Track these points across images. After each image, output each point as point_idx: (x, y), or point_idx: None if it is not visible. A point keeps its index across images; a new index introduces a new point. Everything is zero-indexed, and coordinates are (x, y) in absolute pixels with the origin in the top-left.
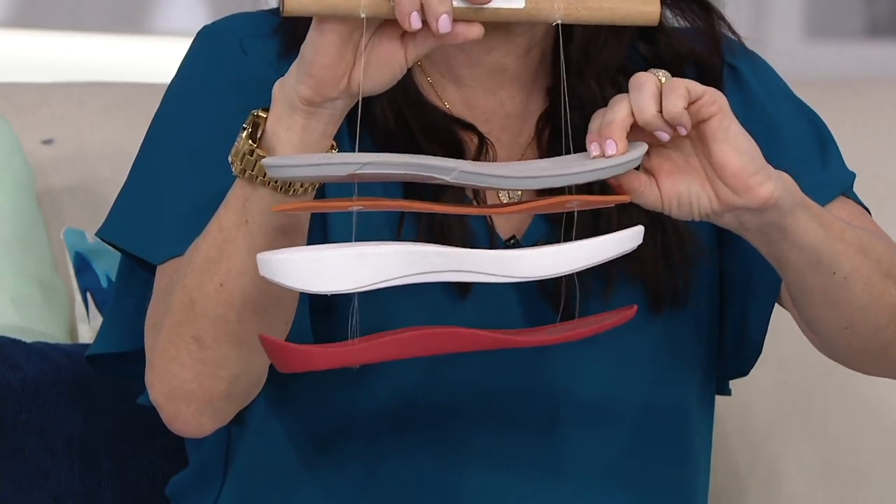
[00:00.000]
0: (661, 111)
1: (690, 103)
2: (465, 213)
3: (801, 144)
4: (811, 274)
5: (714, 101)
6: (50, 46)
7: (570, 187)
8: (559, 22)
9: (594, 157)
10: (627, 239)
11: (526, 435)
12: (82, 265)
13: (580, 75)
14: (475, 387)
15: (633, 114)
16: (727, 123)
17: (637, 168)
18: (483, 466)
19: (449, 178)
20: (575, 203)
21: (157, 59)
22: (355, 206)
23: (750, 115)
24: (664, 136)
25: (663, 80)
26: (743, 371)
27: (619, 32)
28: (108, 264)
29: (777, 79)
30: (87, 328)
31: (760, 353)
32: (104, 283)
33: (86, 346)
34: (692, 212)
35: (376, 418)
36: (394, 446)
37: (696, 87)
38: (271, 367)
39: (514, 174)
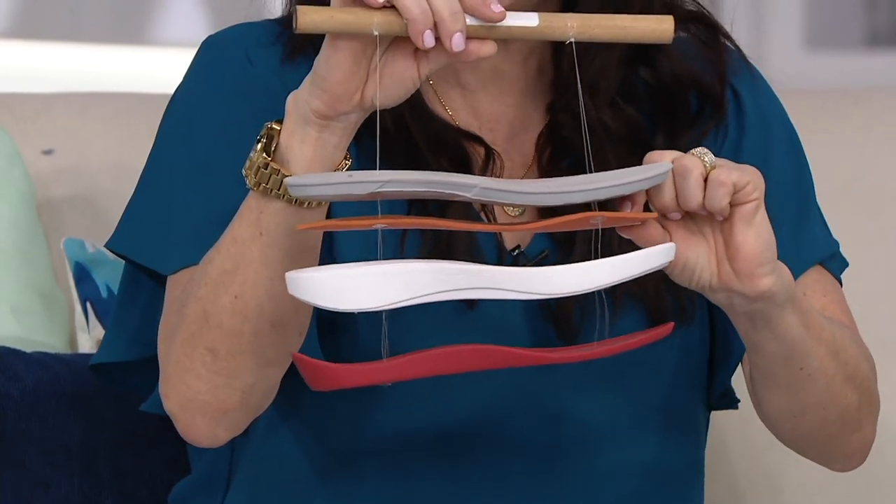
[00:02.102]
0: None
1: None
2: (485, 230)
3: (785, 201)
4: (780, 364)
5: (755, 188)
6: (50, 57)
7: (593, 203)
8: (573, 40)
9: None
10: (658, 255)
11: (533, 459)
12: (82, 275)
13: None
14: (483, 409)
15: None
16: (757, 209)
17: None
18: (491, 491)
19: (470, 195)
20: (600, 219)
21: (157, 69)
22: (378, 224)
23: (743, 146)
24: (676, 215)
25: (708, 165)
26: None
27: (616, 55)
28: (108, 274)
29: (777, 110)
30: (87, 338)
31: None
32: (104, 293)
33: (86, 355)
34: (691, 280)
35: (386, 435)
36: (403, 465)
37: (741, 178)
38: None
39: (535, 190)
